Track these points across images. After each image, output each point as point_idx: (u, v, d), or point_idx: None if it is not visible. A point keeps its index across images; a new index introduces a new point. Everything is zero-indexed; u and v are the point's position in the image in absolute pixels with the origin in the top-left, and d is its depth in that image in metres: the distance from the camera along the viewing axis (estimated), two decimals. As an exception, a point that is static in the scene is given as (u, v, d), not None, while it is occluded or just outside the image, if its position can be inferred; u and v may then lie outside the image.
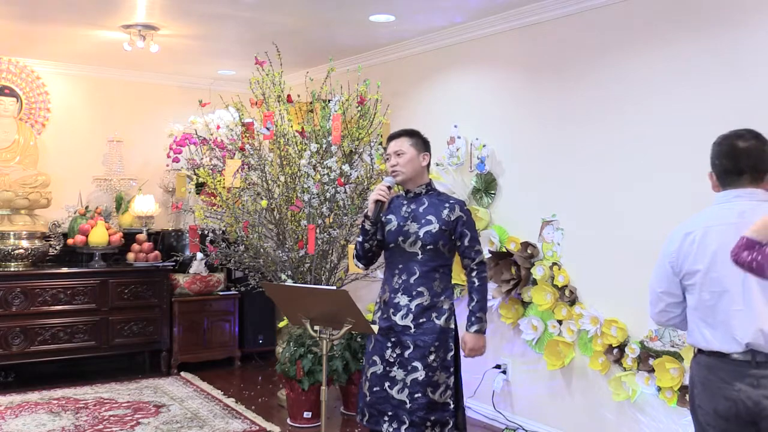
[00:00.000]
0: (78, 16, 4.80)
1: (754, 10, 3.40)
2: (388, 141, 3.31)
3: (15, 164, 5.86)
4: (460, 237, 3.20)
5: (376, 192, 3.14)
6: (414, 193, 3.26)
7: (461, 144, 4.97)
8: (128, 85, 6.63)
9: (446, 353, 3.14)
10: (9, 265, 5.56)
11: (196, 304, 6.14)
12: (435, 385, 3.10)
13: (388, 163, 3.26)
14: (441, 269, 3.19)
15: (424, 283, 3.15)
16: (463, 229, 3.20)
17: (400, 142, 3.23)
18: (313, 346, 4.57)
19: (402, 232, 3.19)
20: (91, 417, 4.73)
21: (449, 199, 3.27)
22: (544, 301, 4.35)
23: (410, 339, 3.12)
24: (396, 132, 3.32)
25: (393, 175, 3.23)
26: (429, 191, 3.28)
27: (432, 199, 3.25)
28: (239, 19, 4.82)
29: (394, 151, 3.22)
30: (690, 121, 3.65)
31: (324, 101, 4.81)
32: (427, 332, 3.12)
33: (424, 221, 3.18)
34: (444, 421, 3.11)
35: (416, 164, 3.23)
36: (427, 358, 3.10)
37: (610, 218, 4.06)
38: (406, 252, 3.18)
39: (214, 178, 4.90)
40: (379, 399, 3.14)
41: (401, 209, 3.24)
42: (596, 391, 4.14)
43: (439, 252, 3.18)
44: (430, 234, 3.15)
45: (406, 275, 3.17)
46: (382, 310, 3.23)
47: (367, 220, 3.19)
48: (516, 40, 4.67)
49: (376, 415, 3.15)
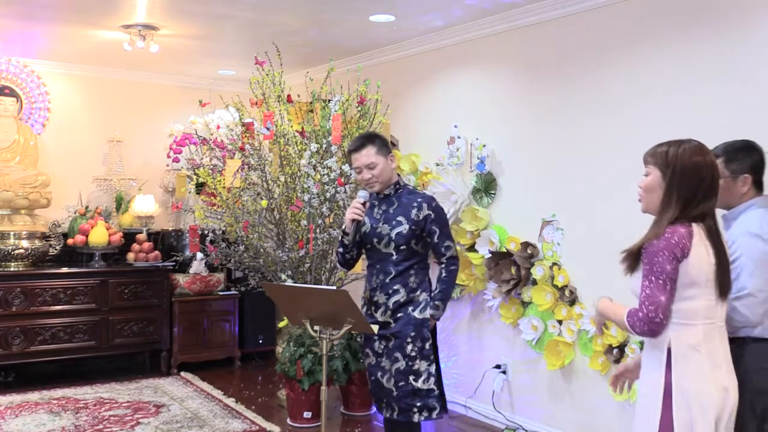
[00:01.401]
0: (78, 16, 4.80)
1: (755, 10, 3.40)
2: (350, 154, 3.32)
3: (15, 164, 5.85)
4: (430, 234, 3.29)
5: (351, 211, 3.21)
6: (384, 194, 3.33)
7: (461, 144, 4.97)
8: (128, 85, 6.63)
9: (423, 342, 3.27)
10: (9, 265, 5.56)
11: (196, 304, 6.14)
12: (417, 373, 3.24)
13: (360, 177, 3.29)
14: (416, 265, 3.31)
15: (400, 281, 3.27)
16: (432, 227, 3.28)
17: (367, 153, 3.26)
18: (313, 346, 4.57)
19: (376, 234, 3.29)
20: (91, 417, 4.73)
21: (417, 197, 3.32)
22: (544, 301, 4.35)
23: (389, 332, 3.28)
24: (356, 143, 3.31)
25: (369, 188, 3.28)
26: (398, 190, 3.35)
27: (401, 199, 3.32)
28: (239, 19, 4.82)
29: (365, 164, 3.26)
30: (690, 121, 3.64)
31: (324, 101, 4.81)
32: (403, 324, 3.26)
33: (394, 222, 3.27)
34: (431, 407, 3.26)
35: (388, 170, 3.31)
36: (405, 348, 3.24)
37: (610, 218, 4.06)
38: (382, 252, 3.30)
39: (214, 178, 4.90)
40: (375, 387, 3.35)
41: (373, 210, 3.34)
42: (596, 391, 4.14)
43: (413, 250, 3.29)
44: (402, 235, 3.25)
45: (383, 275, 3.30)
46: (366, 306, 3.38)
47: (346, 237, 3.27)
48: (516, 40, 4.67)
49: (377, 402, 3.37)
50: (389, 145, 3.35)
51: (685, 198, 2.21)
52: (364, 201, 3.24)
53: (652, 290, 2.18)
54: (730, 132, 3.46)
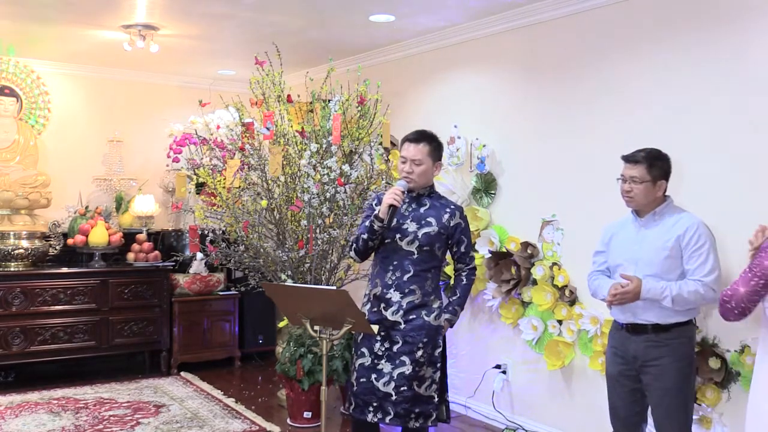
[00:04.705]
0: (78, 16, 4.80)
1: (756, 10, 3.40)
2: (405, 141, 3.29)
3: (15, 164, 5.85)
4: (458, 243, 3.31)
5: (390, 196, 3.16)
6: (417, 194, 3.30)
7: (461, 144, 4.97)
8: (128, 85, 6.63)
9: (434, 349, 3.23)
10: (9, 265, 5.56)
11: (196, 304, 6.14)
12: (421, 380, 3.20)
13: (402, 166, 3.26)
14: (433, 270, 3.29)
15: (417, 282, 3.23)
16: (461, 236, 3.31)
17: (420, 149, 3.23)
18: (313, 346, 4.57)
19: (400, 230, 3.24)
20: (91, 417, 4.73)
21: (450, 204, 3.34)
22: (544, 301, 4.35)
23: (399, 334, 3.21)
24: (416, 135, 3.29)
25: (406, 181, 3.25)
26: (431, 193, 3.34)
27: (433, 202, 3.31)
28: (239, 19, 4.83)
29: (412, 158, 3.23)
30: (691, 121, 3.65)
31: (324, 101, 4.81)
32: (416, 328, 3.20)
33: (423, 222, 3.24)
34: (428, 414, 3.22)
35: (429, 175, 3.29)
36: (415, 354, 3.18)
37: (610, 218, 4.05)
38: (402, 249, 3.24)
39: (214, 178, 4.90)
40: (365, 390, 3.23)
41: (402, 207, 3.27)
42: (596, 391, 4.14)
43: (434, 254, 3.27)
44: (428, 236, 3.23)
45: (400, 272, 3.24)
46: (372, 303, 3.30)
47: (377, 221, 3.19)
48: (516, 40, 4.67)
49: (362, 405, 3.25)
50: (442, 152, 3.33)
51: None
52: (404, 190, 3.20)
53: (740, 279, 2.53)
54: (730, 132, 3.47)
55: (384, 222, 3.17)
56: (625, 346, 3.09)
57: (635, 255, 3.08)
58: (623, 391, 3.14)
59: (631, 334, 3.07)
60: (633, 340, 3.06)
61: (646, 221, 3.09)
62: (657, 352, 2.99)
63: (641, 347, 3.03)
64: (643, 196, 3.04)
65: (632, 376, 3.10)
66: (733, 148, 3.46)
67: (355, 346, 3.33)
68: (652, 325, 3.01)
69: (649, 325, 3.02)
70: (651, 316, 3.01)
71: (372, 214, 3.24)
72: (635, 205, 3.10)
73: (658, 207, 3.07)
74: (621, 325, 3.14)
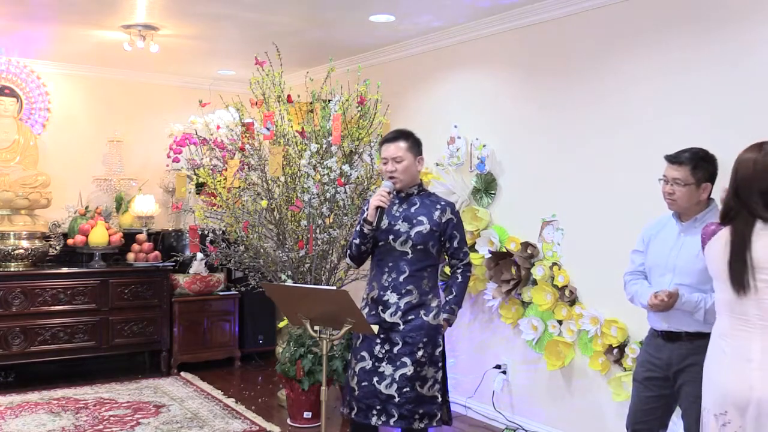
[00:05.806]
0: (78, 16, 4.80)
1: (757, 11, 3.40)
2: (383, 143, 3.33)
3: (15, 164, 5.85)
4: (450, 239, 3.30)
5: (377, 198, 3.18)
6: (405, 194, 3.32)
7: (461, 144, 4.97)
8: (128, 85, 6.63)
9: (434, 349, 3.24)
10: (9, 265, 5.56)
11: (196, 304, 6.14)
12: (423, 380, 3.20)
13: (385, 168, 3.29)
14: (429, 269, 3.29)
15: (413, 282, 3.23)
16: (453, 232, 3.31)
17: (397, 147, 3.26)
18: (313, 346, 4.57)
19: (392, 231, 3.25)
20: (91, 417, 4.73)
21: (440, 200, 3.34)
22: (544, 301, 4.35)
23: (399, 336, 3.21)
24: (391, 135, 3.33)
25: (392, 182, 3.27)
26: (420, 192, 3.35)
27: (423, 200, 3.32)
28: (239, 19, 4.83)
29: (392, 156, 3.25)
30: (691, 121, 3.65)
31: (324, 101, 4.81)
32: (416, 329, 3.21)
33: (415, 221, 3.25)
34: (432, 414, 3.22)
35: (413, 170, 3.30)
36: (415, 354, 3.18)
37: (610, 218, 4.06)
38: (396, 251, 3.25)
39: (214, 178, 4.90)
40: (367, 393, 3.22)
41: (392, 208, 3.30)
42: (596, 391, 4.14)
43: (428, 252, 3.27)
44: (421, 234, 3.23)
45: (396, 273, 3.25)
46: (370, 306, 3.31)
47: (366, 225, 3.22)
48: (516, 40, 4.67)
49: (365, 409, 3.23)
50: (421, 148, 3.34)
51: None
52: (390, 191, 3.21)
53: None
54: (731, 132, 3.47)
55: (373, 224, 3.19)
56: (661, 353, 3.00)
57: (673, 261, 2.95)
58: (648, 396, 3.05)
59: (666, 342, 2.98)
60: (668, 347, 2.97)
61: (687, 227, 2.93)
62: (692, 358, 2.87)
63: (676, 354, 2.94)
64: (686, 199, 2.88)
65: (662, 383, 3.01)
66: (735, 149, 3.45)
67: (353, 351, 3.32)
68: (687, 333, 2.91)
69: (683, 333, 2.92)
70: (686, 325, 2.91)
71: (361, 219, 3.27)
72: (677, 208, 2.95)
73: (700, 213, 2.91)
74: (658, 333, 3.04)
